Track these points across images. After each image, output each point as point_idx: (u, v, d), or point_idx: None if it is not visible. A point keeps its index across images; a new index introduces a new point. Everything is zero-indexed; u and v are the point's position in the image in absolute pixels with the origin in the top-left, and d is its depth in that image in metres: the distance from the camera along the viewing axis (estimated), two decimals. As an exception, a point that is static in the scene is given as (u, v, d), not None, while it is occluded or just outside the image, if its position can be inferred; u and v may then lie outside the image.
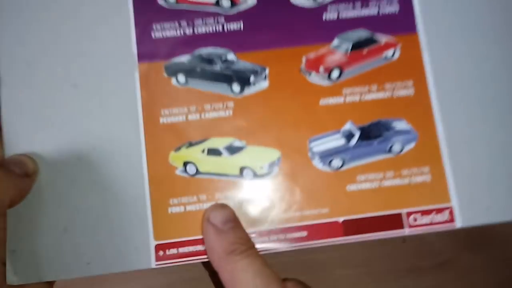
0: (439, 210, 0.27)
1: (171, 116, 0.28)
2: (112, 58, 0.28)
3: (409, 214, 0.27)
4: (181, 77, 0.28)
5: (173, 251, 0.26)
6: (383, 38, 0.29)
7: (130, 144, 0.27)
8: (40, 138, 0.27)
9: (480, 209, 0.28)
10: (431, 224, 0.27)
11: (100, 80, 0.28)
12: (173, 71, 0.28)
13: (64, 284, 0.28)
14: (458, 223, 0.27)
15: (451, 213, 0.27)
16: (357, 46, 0.29)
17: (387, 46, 0.29)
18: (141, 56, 0.28)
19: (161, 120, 0.28)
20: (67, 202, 0.27)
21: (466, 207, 0.27)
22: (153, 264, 0.26)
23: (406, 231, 0.27)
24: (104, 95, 0.28)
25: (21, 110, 0.28)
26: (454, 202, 0.27)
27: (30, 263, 0.26)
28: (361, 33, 0.29)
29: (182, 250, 0.27)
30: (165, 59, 0.28)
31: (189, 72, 0.28)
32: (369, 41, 0.29)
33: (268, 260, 0.25)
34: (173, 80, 0.28)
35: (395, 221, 0.27)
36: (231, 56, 0.29)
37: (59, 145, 0.27)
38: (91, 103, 0.28)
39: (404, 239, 0.34)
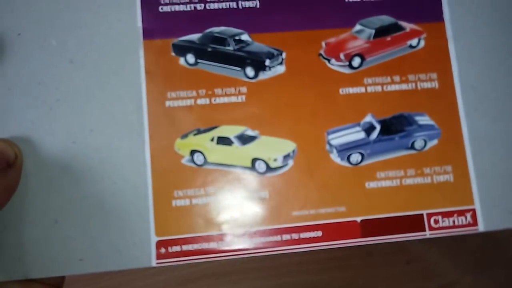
0: (461, 213, 0.26)
1: (178, 99, 0.25)
2: (114, 32, 0.25)
3: (430, 215, 0.26)
4: (190, 57, 0.26)
5: (176, 248, 0.24)
6: (407, 26, 0.27)
7: (131, 128, 0.25)
8: (29, 119, 0.24)
9: (504, 212, 0.26)
10: (453, 227, 0.26)
11: (100, 56, 0.25)
12: (181, 50, 0.26)
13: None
14: (481, 227, 0.26)
15: (473, 216, 0.26)
16: (381, 32, 0.27)
17: (412, 34, 0.27)
18: (147, 32, 0.26)
19: (167, 103, 0.25)
20: (58, 190, 0.24)
21: (489, 210, 0.26)
22: (154, 262, 0.24)
23: (427, 234, 0.25)
24: (104, 73, 0.25)
25: (7, 86, 0.25)
26: (477, 204, 0.26)
27: (14, 258, 0.23)
28: (385, 19, 0.27)
29: (186, 247, 0.24)
30: (173, 36, 0.26)
31: (199, 52, 0.26)
32: (394, 28, 0.27)
33: (275, 279, 0.23)
34: (181, 60, 0.26)
35: (416, 222, 0.25)
36: (245, 37, 0.26)
37: (50, 127, 0.24)
38: (89, 81, 0.25)
39: (408, 260, 0.35)
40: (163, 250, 0.24)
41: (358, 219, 0.25)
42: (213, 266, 0.31)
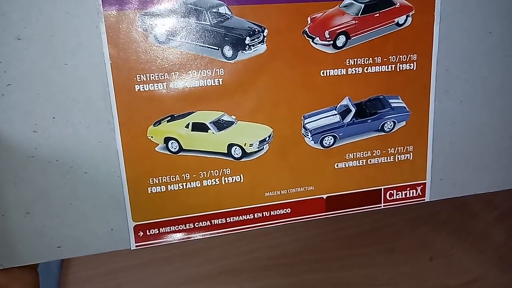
0: (413, 186, 0.29)
1: (148, 82, 0.23)
2: (66, 2, 0.21)
3: (386, 190, 0.28)
4: (161, 34, 0.23)
5: (154, 231, 0.25)
6: (398, 0, 0.25)
7: (99, 115, 0.23)
8: (-22, 106, 0.21)
9: (448, 185, 0.29)
10: (404, 199, 0.29)
11: (52, 32, 0.21)
12: (151, 25, 0.22)
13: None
14: (427, 198, 0.29)
15: (423, 189, 0.29)
16: (370, 7, 0.25)
17: (402, 10, 0.25)
18: (108, 1, 0.22)
19: (137, 87, 0.23)
20: (26, 182, 0.23)
21: (437, 183, 0.29)
22: (133, 245, 0.25)
23: (382, 206, 0.28)
24: (60, 52, 0.22)
25: None
26: (428, 179, 0.29)
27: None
28: (377, -8, 0.25)
29: (163, 229, 0.25)
30: (140, 7, 0.22)
31: (171, 28, 0.23)
32: (384, 2, 0.25)
33: (295, 276, 0.23)
34: (151, 38, 0.22)
35: (374, 197, 0.28)
36: (223, 9, 0.23)
37: (5, 115, 0.22)
38: (43, 63, 0.22)
39: (431, 257, 0.34)
40: (141, 233, 0.25)
41: (324, 196, 0.27)
42: (230, 264, 0.30)
